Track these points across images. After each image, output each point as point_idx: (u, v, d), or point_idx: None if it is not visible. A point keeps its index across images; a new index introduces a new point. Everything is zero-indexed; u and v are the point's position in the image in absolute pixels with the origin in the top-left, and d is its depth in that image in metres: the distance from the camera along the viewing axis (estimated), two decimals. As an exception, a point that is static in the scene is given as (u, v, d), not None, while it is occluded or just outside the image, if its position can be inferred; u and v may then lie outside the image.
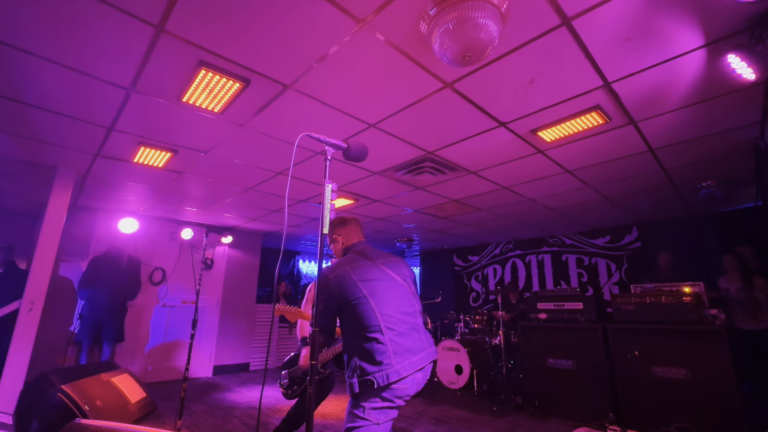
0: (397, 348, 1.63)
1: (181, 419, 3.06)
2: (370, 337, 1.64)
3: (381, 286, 1.76)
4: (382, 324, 1.65)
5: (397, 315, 1.72)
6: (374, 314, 1.66)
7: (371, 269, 1.81)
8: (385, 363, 1.58)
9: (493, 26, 1.66)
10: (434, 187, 4.22)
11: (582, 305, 4.01)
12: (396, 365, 1.59)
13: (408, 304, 1.80)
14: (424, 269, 9.17)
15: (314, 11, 1.74)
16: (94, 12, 1.73)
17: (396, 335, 1.66)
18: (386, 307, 1.70)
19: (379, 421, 1.57)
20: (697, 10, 1.71)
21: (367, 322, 1.66)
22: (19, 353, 3.20)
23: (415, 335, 1.74)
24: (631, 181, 3.93)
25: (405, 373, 1.60)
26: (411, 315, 1.79)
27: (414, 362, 1.65)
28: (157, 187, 4.29)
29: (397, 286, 1.82)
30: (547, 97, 2.45)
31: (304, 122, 2.77)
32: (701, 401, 3.06)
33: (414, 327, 1.76)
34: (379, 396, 1.58)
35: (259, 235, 6.96)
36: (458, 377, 4.92)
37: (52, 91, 2.38)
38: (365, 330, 1.65)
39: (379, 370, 1.57)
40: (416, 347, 1.70)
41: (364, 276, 1.75)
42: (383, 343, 1.62)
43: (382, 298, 1.72)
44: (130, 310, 5.19)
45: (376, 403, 1.58)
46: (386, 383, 1.56)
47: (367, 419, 1.56)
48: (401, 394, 1.62)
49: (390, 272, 1.85)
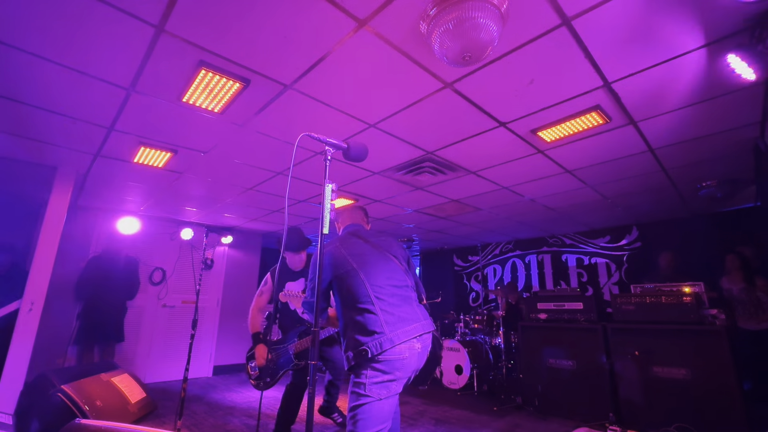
0: (388, 318, 1.65)
1: (181, 419, 3.06)
2: (361, 309, 1.67)
3: (370, 260, 1.80)
4: (372, 294, 1.69)
5: (387, 287, 1.74)
6: (364, 285, 1.70)
7: (361, 245, 1.87)
8: (377, 332, 1.61)
9: (493, 26, 1.67)
10: (434, 187, 4.22)
11: (582, 305, 4.01)
12: (388, 333, 1.61)
13: (399, 278, 1.82)
14: (424, 269, 9.16)
15: (314, 11, 1.74)
16: (94, 12, 1.73)
17: (387, 305, 1.69)
18: (376, 278, 1.74)
19: (381, 396, 1.57)
20: (697, 10, 1.71)
21: (357, 294, 1.69)
22: (19, 353, 3.20)
23: (407, 307, 1.75)
24: (631, 181, 3.93)
25: (398, 340, 1.61)
26: (402, 288, 1.80)
27: (408, 330, 1.66)
28: (157, 187, 4.29)
29: (387, 260, 1.85)
30: (547, 97, 2.45)
31: (304, 122, 2.77)
32: (701, 401, 3.06)
33: (405, 299, 1.78)
34: (377, 369, 1.58)
35: (259, 235, 6.96)
36: (458, 377, 4.92)
37: (52, 91, 2.38)
38: (356, 302, 1.69)
39: (372, 339, 1.59)
40: (409, 317, 1.72)
41: (352, 251, 1.81)
42: (374, 313, 1.65)
43: (372, 270, 1.76)
44: (130, 310, 5.19)
45: (375, 377, 1.58)
46: (379, 351, 1.57)
47: (369, 395, 1.56)
48: (399, 366, 1.61)
49: (380, 248, 1.89)
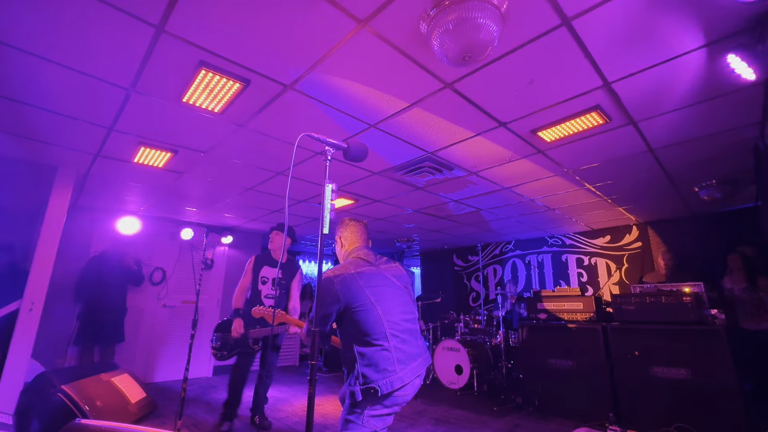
0: (400, 355, 1.62)
1: (181, 419, 3.06)
2: (374, 344, 1.62)
3: (386, 293, 1.75)
4: (387, 331, 1.64)
5: (400, 322, 1.71)
6: (380, 321, 1.65)
7: (375, 275, 1.80)
8: (389, 370, 1.57)
9: (493, 26, 1.67)
10: (434, 187, 4.22)
11: (582, 305, 4.01)
12: (399, 372, 1.58)
13: (409, 311, 1.81)
14: (424, 269, 9.16)
15: (314, 11, 1.74)
16: (94, 12, 1.73)
17: (400, 342, 1.66)
18: (392, 314, 1.69)
19: (377, 428, 1.56)
20: (697, 10, 1.71)
21: (373, 329, 1.63)
22: (19, 353, 3.20)
23: (414, 342, 1.74)
24: (630, 181, 3.93)
25: (407, 379, 1.60)
26: (411, 322, 1.79)
27: (414, 368, 1.65)
28: (157, 187, 4.29)
29: (400, 292, 1.82)
30: (547, 97, 2.45)
31: (304, 122, 2.77)
32: (701, 401, 3.06)
33: (413, 333, 1.77)
34: (381, 403, 1.57)
35: (259, 235, 6.95)
36: (458, 377, 4.92)
37: (52, 91, 2.38)
38: (369, 336, 1.63)
39: (384, 377, 1.56)
40: (416, 353, 1.71)
41: (369, 282, 1.74)
42: (388, 350, 1.61)
43: (389, 305, 1.71)
44: (130, 310, 5.19)
45: (375, 410, 1.56)
46: (390, 391, 1.55)
47: (364, 427, 1.54)
48: (401, 401, 1.62)
49: (392, 278, 1.85)
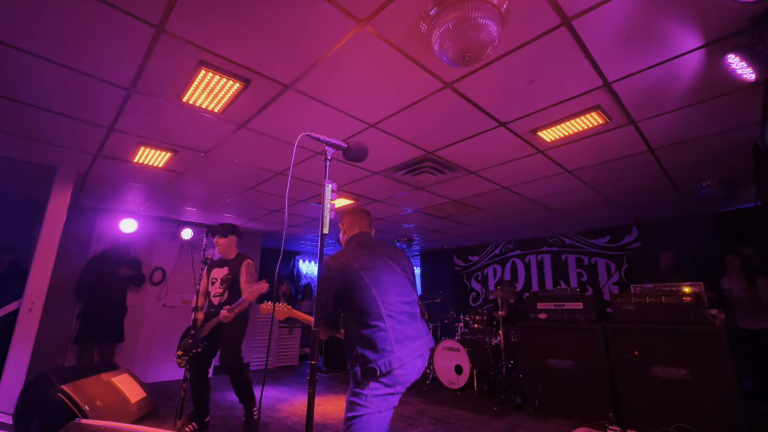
0: (398, 335, 1.66)
1: (181, 419, 3.06)
2: (371, 325, 1.66)
3: (382, 275, 1.79)
4: (383, 312, 1.68)
5: (397, 303, 1.75)
6: (376, 302, 1.69)
7: (372, 258, 1.84)
8: (387, 350, 1.61)
9: (493, 26, 1.67)
10: (434, 187, 4.22)
11: (582, 305, 4.01)
12: (397, 351, 1.62)
13: (407, 293, 1.84)
14: (424, 269, 9.17)
15: (314, 11, 1.74)
16: (94, 12, 1.73)
17: (397, 323, 1.69)
18: (387, 295, 1.74)
19: (381, 408, 1.58)
20: (697, 10, 1.71)
21: (369, 310, 1.68)
22: (19, 353, 3.20)
23: (413, 323, 1.78)
24: (631, 181, 3.93)
25: (406, 359, 1.64)
26: (410, 304, 1.82)
27: (414, 348, 1.69)
28: (157, 187, 4.29)
29: (397, 275, 1.86)
30: (547, 97, 2.45)
31: (304, 122, 2.77)
32: (701, 401, 3.06)
33: (412, 315, 1.80)
34: (382, 382, 1.60)
35: (259, 235, 6.96)
36: (458, 377, 4.92)
37: (52, 91, 2.38)
38: (367, 317, 1.68)
39: (381, 357, 1.60)
40: (415, 334, 1.74)
41: (365, 265, 1.78)
42: (385, 330, 1.65)
43: (384, 286, 1.75)
44: (130, 310, 5.19)
45: (378, 389, 1.59)
46: (389, 369, 1.58)
47: (368, 407, 1.57)
48: (403, 381, 1.65)
49: (390, 262, 1.89)
